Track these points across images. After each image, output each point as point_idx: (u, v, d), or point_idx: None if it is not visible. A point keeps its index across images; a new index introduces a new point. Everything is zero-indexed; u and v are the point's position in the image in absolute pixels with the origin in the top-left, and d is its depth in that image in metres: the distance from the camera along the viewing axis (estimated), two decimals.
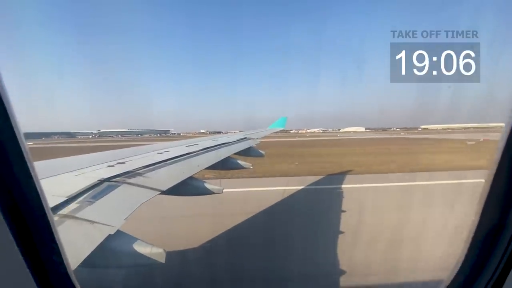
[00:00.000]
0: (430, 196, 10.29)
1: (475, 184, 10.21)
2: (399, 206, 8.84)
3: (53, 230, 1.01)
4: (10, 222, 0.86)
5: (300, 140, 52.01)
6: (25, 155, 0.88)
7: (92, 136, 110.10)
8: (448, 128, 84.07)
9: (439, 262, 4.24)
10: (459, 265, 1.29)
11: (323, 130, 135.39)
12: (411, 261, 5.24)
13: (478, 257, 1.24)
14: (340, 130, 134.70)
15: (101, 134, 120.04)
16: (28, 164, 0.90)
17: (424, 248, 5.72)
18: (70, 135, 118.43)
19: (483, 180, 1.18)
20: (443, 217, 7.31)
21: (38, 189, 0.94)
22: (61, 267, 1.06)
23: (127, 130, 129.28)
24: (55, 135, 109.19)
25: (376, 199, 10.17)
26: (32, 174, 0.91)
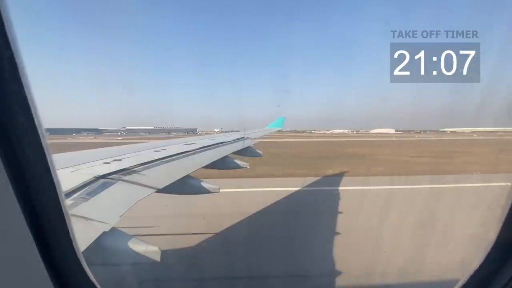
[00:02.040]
0: None
1: None
2: None
3: (69, 226, 1.01)
4: (28, 217, 0.86)
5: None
6: (45, 150, 0.88)
7: (121, 133, 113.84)
8: (473, 132, 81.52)
9: None
10: (476, 267, 1.28)
11: (356, 131, 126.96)
12: None
13: (495, 262, 1.22)
14: (370, 132, 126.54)
15: (128, 131, 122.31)
16: (48, 159, 0.90)
17: None
18: (98, 131, 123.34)
19: None
20: None
21: (56, 185, 0.94)
22: (75, 261, 1.07)
23: (153, 127, 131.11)
24: (84, 131, 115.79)
25: None
26: (51, 168, 0.91)
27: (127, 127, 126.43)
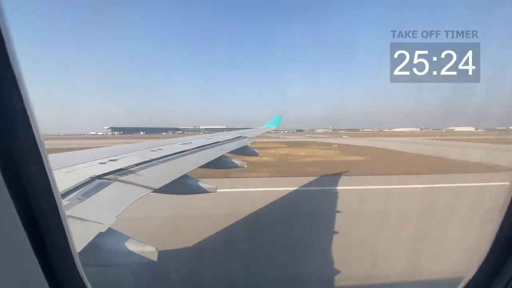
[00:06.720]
0: None
1: None
2: None
3: (65, 226, 1.00)
4: (24, 219, 0.85)
5: None
6: (40, 150, 0.87)
7: (202, 132, 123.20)
8: None
9: None
10: (477, 268, 1.27)
11: (437, 129, 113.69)
12: None
13: (496, 261, 1.22)
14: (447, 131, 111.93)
15: (208, 130, 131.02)
16: (43, 159, 0.89)
17: None
18: (179, 130, 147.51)
19: None
20: None
21: (52, 186, 0.93)
22: (70, 264, 1.06)
23: (224, 127, 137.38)
24: (170, 130, 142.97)
25: None
26: (47, 169, 0.90)
27: (201, 127, 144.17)
